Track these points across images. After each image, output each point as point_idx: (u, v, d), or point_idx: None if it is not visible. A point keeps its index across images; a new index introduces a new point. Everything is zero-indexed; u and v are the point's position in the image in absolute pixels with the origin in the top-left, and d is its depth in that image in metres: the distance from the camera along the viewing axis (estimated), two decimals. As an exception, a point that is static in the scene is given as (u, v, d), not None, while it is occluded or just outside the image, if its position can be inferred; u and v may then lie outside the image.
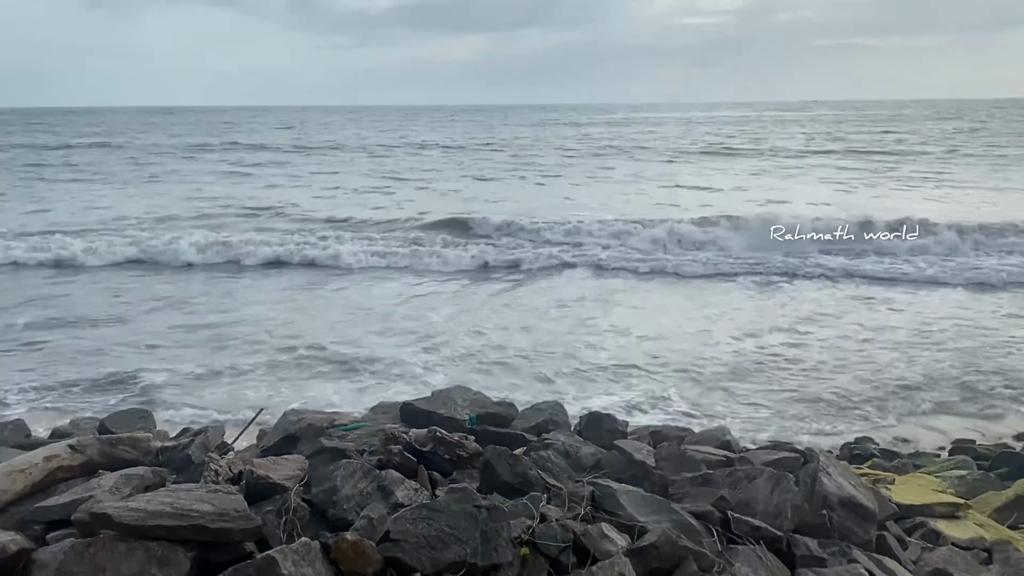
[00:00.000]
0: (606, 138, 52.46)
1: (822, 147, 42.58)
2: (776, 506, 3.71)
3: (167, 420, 7.00)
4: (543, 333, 9.99)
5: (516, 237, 16.87)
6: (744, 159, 36.60)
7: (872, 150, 40.21)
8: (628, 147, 43.79)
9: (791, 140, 48.63)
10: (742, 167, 32.55)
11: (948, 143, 45.22)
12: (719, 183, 27.08)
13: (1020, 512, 5.05)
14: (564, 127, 70.26)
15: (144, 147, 45.36)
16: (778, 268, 13.80)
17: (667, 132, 59.78)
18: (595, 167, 33.02)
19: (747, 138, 51.02)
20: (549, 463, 4.10)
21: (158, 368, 8.54)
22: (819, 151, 40.00)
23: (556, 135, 57.36)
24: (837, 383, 8.23)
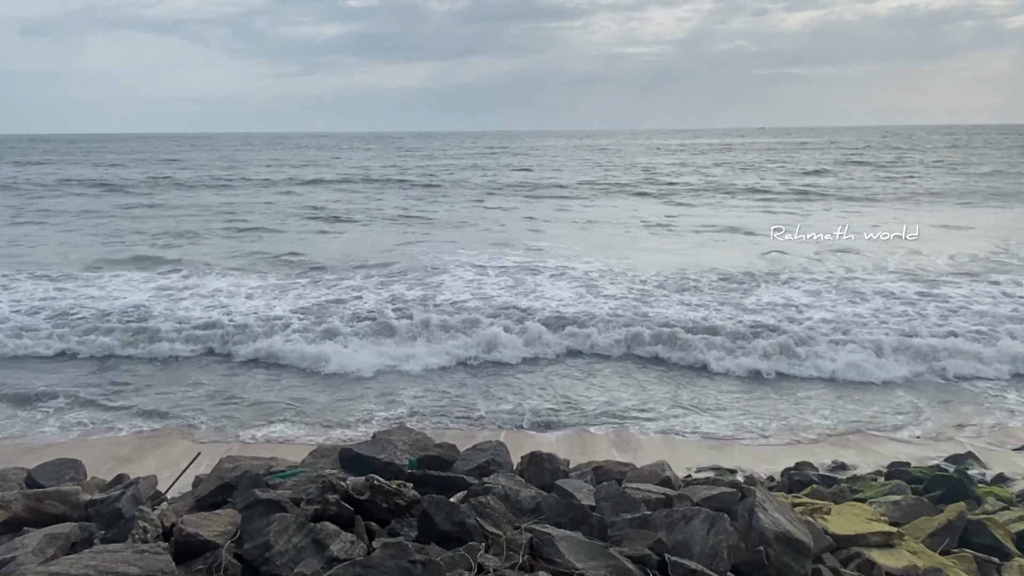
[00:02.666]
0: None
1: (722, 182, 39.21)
2: (712, 547, 3.73)
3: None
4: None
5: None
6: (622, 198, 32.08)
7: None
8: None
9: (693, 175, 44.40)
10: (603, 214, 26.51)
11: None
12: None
13: (953, 536, 5.17)
14: (486, 157, 67.81)
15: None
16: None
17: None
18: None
19: (645, 173, 46.08)
20: (488, 508, 4.07)
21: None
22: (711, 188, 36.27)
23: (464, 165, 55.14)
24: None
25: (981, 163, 46.78)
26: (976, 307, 12.43)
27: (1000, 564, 4.85)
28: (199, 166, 54.90)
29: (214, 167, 53.60)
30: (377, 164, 53.60)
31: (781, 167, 48.76)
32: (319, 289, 14.04)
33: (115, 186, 38.12)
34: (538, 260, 16.80)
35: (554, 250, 17.52)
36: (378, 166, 50.51)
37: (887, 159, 54.66)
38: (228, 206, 28.98)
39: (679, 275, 14.68)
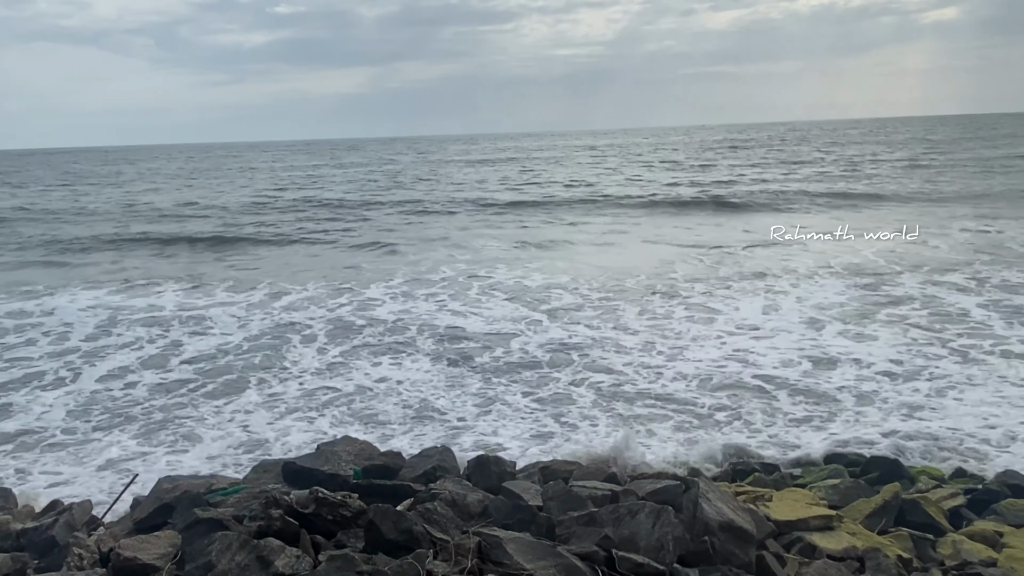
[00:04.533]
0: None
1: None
2: (658, 540, 3.78)
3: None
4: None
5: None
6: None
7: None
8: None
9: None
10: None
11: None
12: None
13: (889, 516, 5.33)
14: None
15: None
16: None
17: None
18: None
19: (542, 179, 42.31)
20: (436, 515, 4.05)
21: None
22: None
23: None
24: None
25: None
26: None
27: (934, 540, 5.02)
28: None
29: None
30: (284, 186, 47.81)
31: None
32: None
33: None
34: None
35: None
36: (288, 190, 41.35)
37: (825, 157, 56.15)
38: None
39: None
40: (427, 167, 59.70)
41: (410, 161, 70.73)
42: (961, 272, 14.46)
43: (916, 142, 68.61)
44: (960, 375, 8.88)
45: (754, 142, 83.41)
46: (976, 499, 5.87)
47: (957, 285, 13.33)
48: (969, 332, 10.52)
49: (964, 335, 10.38)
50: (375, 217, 27.87)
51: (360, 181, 46.46)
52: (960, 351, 9.71)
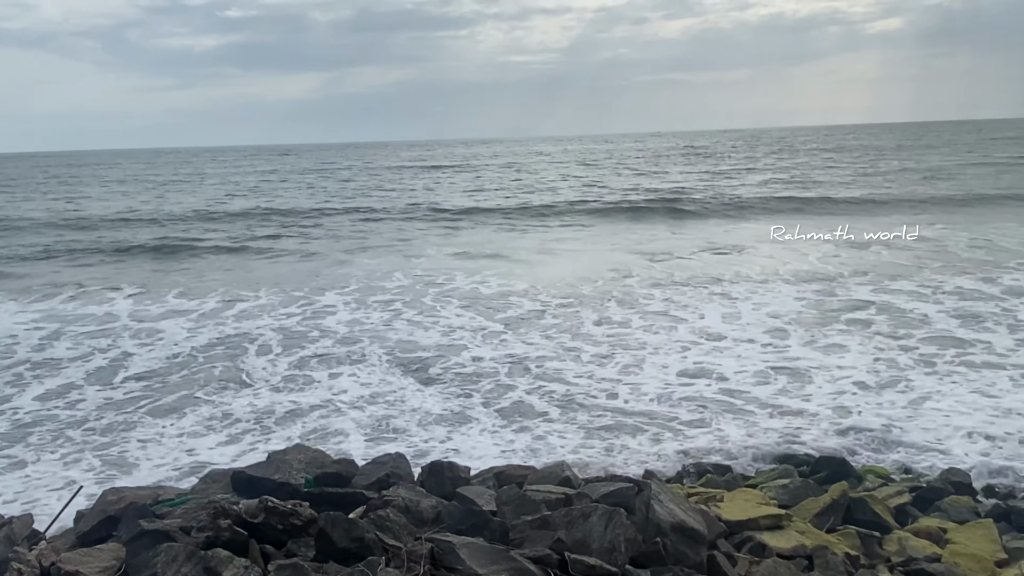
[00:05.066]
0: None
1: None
2: (610, 541, 3.80)
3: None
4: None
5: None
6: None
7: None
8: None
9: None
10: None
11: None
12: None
13: (837, 515, 5.44)
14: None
15: None
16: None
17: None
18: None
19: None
20: (388, 522, 4.01)
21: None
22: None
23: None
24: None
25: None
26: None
27: (881, 538, 5.14)
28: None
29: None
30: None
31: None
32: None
33: None
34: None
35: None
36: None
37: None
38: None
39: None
40: (382, 173, 59.20)
41: (364, 167, 70.09)
42: (912, 279, 14.67)
43: (864, 149, 70.24)
44: (923, 380, 9.00)
45: (706, 149, 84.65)
46: (921, 497, 6.02)
47: (915, 293, 13.46)
48: (931, 339, 10.64)
49: (927, 342, 10.49)
50: (329, 224, 27.62)
51: (313, 187, 45.95)
52: (923, 359, 9.80)
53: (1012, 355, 9.77)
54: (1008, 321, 11.37)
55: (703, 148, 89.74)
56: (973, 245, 18.84)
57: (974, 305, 12.36)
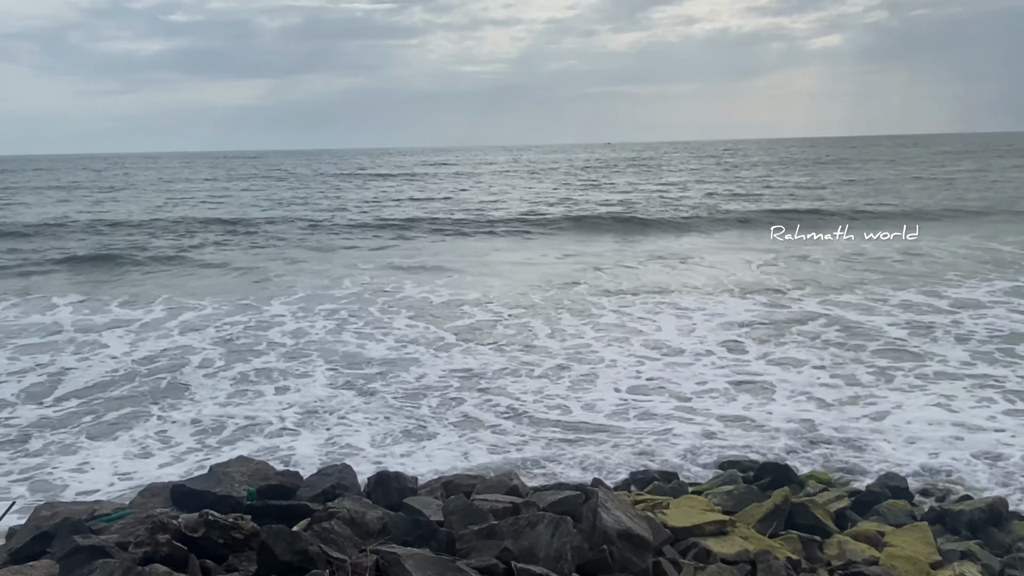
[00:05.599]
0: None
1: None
2: (557, 550, 3.80)
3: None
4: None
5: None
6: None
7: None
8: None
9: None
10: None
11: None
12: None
13: (780, 520, 5.54)
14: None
15: None
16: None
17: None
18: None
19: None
20: (333, 534, 3.96)
21: None
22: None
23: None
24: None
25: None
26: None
27: (822, 542, 5.24)
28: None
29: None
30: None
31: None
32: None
33: None
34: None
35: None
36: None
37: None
38: None
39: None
40: (330, 180, 58.49)
41: (313, 174, 69.16)
42: (855, 291, 14.93)
43: (806, 162, 71.93)
44: (877, 391, 9.15)
45: (653, 160, 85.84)
46: (860, 501, 6.18)
47: (863, 306, 13.67)
48: (884, 351, 10.83)
49: (880, 355, 10.65)
50: (276, 232, 27.20)
51: (260, 195, 45.23)
52: (879, 370, 9.95)
53: (965, 367, 9.97)
54: (957, 332, 11.65)
55: (650, 159, 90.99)
56: (908, 254, 19.45)
57: (923, 317, 12.64)
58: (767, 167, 66.87)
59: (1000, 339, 11.23)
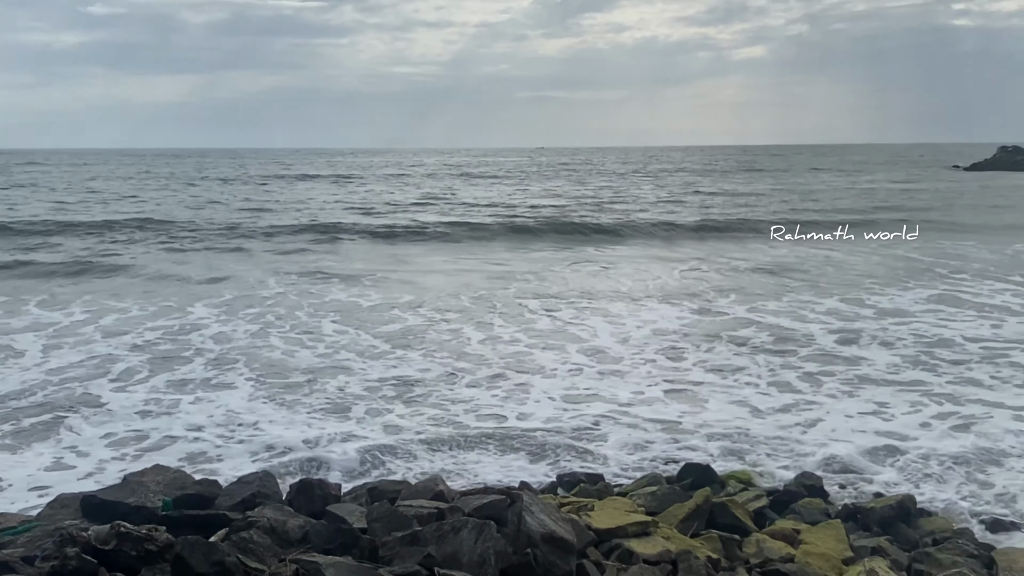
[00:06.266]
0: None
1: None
2: (480, 555, 3.80)
3: None
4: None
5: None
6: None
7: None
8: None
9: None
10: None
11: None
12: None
13: (701, 520, 5.66)
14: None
15: None
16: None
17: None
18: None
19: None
20: (252, 543, 3.87)
21: None
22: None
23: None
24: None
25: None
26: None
27: (741, 540, 5.37)
28: None
29: None
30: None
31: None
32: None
33: None
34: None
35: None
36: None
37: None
38: None
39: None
40: (256, 181, 57.16)
41: (237, 174, 67.46)
42: (782, 299, 15.26)
43: (732, 171, 73.80)
44: (809, 397, 9.39)
45: (586, 165, 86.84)
46: (778, 500, 6.36)
47: (791, 313, 13.97)
48: (814, 356, 11.11)
49: (811, 360, 10.91)
50: (201, 234, 26.42)
51: (183, 194, 43.97)
52: (809, 376, 10.18)
53: (890, 372, 10.31)
54: (884, 338, 12.04)
55: (581, 164, 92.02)
56: (828, 263, 20.13)
57: (851, 324, 13.00)
58: (693, 174, 68.39)
59: (924, 344, 11.64)
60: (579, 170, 76.58)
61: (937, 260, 20.32)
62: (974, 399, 9.23)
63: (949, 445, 7.81)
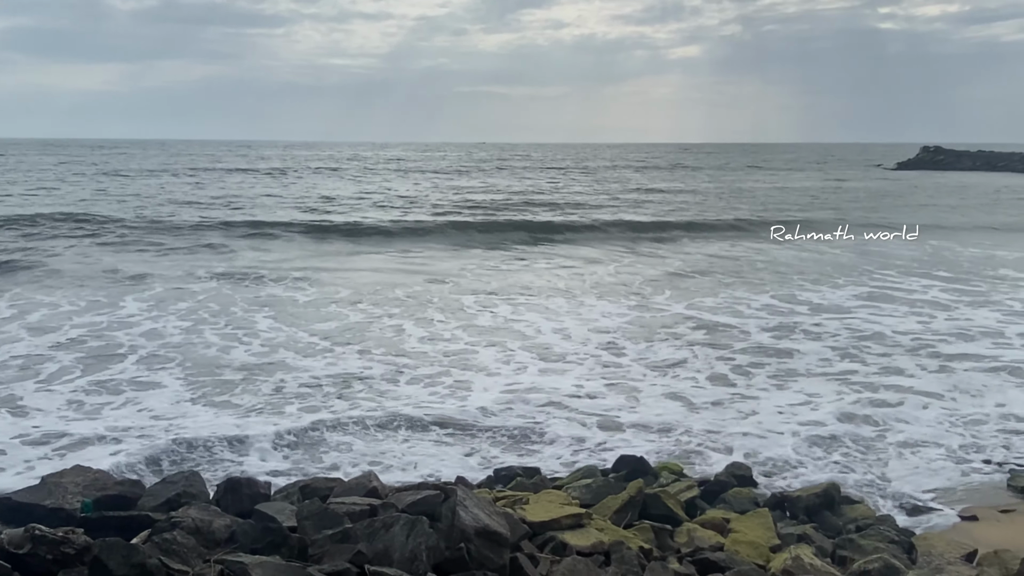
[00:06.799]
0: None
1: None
2: (412, 551, 3.77)
3: None
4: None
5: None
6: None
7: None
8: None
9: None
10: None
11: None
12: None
13: (634, 511, 5.72)
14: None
15: None
16: None
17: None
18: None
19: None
20: (175, 545, 3.76)
21: None
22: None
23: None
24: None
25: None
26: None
27: (672, 530, 5.45)
28: None
29: None
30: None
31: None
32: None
33: None
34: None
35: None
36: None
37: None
38: None
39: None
40: (186, 174, 55.32)
41: (166, 167, 65.21)
42: (718, 295, 15.52)
43: (671, 168, 74.86)
44: (744, 390, 9.59)
45: (524, 161, 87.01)
46: (708, 490, 6.48)
47: (727, 309, 14.21)
48: (748, 350, 11.34)
49: (747, 353, 11.17)
50: (126, 227, 25.49)
51: (110, 187, 42.45)
52: (744, 370, 10.39)
53: (822, 365, 10.60)
54: (817, 332, 12.40)
55: (520, 159, 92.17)
56: (757, 259, 20.60)
57: (785, 319, 13.30)
58: (631, 171, 69.15)
59: (856, 338, 11.98)
60: (517, 166, 76.63)
61: (864, 257, 21.02)
62: (893, 387, 9.59)
63: (866, 433, 8.13)
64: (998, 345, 11.69)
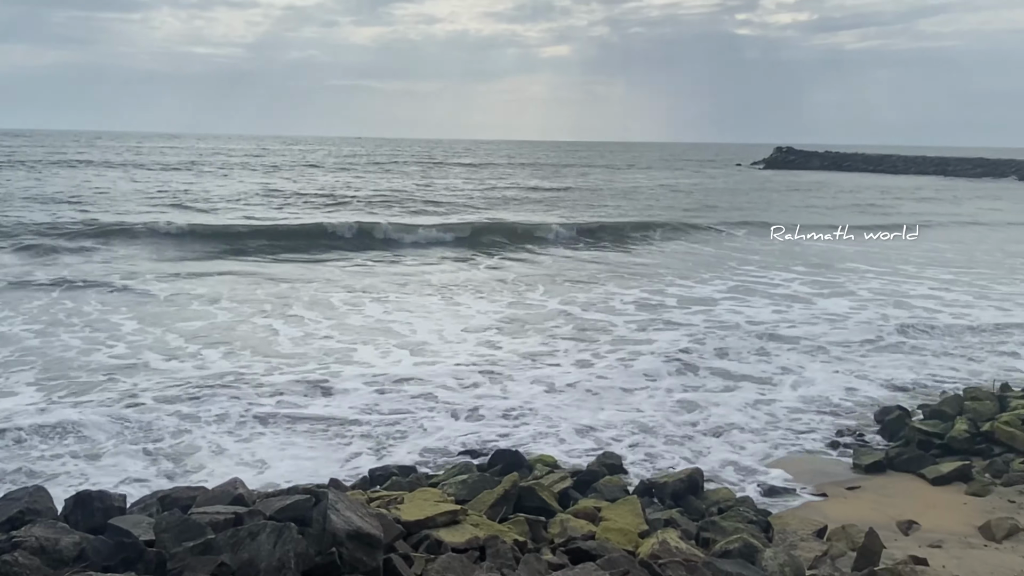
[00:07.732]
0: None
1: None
2: (279, 559, 3.64)
3: None
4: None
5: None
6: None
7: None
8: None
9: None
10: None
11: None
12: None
13: (509, 504, 5.76)
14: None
15: None
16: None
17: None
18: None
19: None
20: (16, 567, 3.47)
21: None
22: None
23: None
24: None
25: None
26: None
27: (546, 522, 5.53)
28: None
29: None
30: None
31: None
32: None
33: None
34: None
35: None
36: None
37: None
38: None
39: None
40: (29, 167, 51.08)
41: (6, 157, 60.06)
42: (591, 291, 15.86)
43: (538, 165, 75.99)
44: (610, 381, 9.83)
45: (399, 158, 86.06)
46: (581, 480, 6.62)
47: (598, 304, 14.49)
48: (616, 342, 11.66)
49: (611, 345, 11.46)
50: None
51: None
52: (613, 364, 10.60)
53: (700, 359, 10.94)
54: (687, 323, 12.94)
55: (388, 155, 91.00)
56: (629, 258, 21.27)
57: (657, 314, 13.73)
58: (502, 167, 69.70)
59: (725, 331, 12.45)
60: (386, 162, 75.56)
61: (730, 253, 22.11)
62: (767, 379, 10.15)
63: (737, 419, 8.56)
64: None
